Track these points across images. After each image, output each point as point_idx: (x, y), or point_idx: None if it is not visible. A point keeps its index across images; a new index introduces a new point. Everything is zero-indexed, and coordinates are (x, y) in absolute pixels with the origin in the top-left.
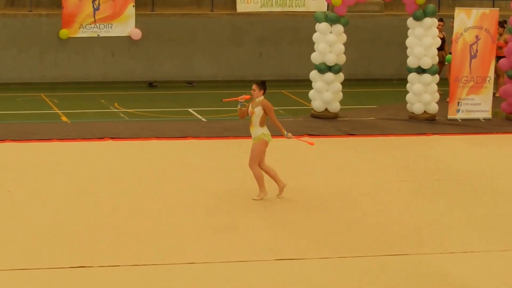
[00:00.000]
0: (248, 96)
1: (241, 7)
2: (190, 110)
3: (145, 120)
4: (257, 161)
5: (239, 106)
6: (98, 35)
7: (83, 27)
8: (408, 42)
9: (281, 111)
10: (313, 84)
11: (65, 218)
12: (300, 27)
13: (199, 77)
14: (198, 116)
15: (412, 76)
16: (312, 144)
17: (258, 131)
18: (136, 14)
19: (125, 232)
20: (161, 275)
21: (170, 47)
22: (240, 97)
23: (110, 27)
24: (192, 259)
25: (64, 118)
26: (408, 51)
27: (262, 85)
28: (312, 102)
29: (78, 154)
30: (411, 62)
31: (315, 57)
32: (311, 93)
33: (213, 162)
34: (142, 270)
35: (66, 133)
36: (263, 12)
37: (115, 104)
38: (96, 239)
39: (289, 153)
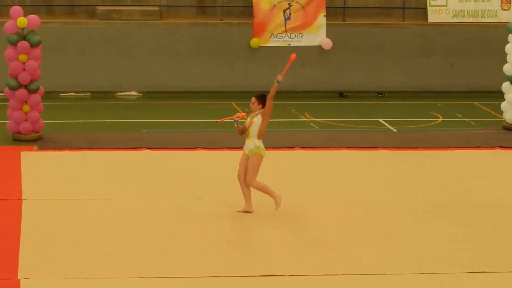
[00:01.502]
0: (244, 114)
1: (432, 18)
2: (380, 120)
3: (335, 130)
4: (256, 176)
5: (236, 124)
6: (289, 44)
7: (274, 36)
8: None
9: (472, 123)
10: (505, 96)
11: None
12: (491, 38)
13: (388, 87)
14: (389, 126)
15: None
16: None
17: (254, 143)
18: (326, 24)
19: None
20: None
21: (359, 57)
22: (235, 115)
23: (301, 36)
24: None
25: None
26: None
27: (262, 99)
28: (504, 113)
29: (268, 163)
30: None
31: (508, 69)
32: (503, 105)
33: (403, 174)
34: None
35: None
36: (454, 23)
37: (306, 113)
38: (280, 249)
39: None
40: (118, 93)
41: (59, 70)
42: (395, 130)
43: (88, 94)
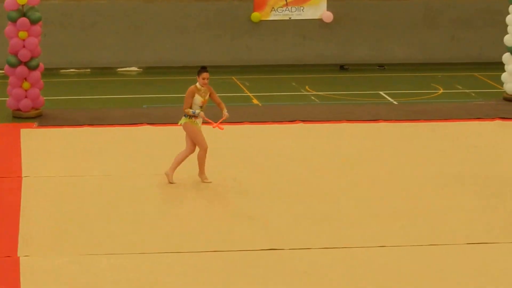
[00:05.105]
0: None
1: None
2: (381, 93)
3: (336, 103)
4: None
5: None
6: (290, 18)
7: (274, 10)
8: None
9: (473, 94)
10: (506, 67)
11: (257, 201)
12: (494, 9)
13: (390, 60)
14: (390, 99)
15: None
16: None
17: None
18: None
19: (309, 217)
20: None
21: (362, 30)
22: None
23: (302, 10)
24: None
25: (255, 101)
26: None
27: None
28: (504, 84)
29: (269, 137)
30: None
31: (508, 39)
32: (504, 76)
33: (404, 146)
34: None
35: (257, 116)
36: None
37: (306, 87)
38: (283, 223)
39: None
40: (119, 69)
41: (59, 46)
42: (395, 103)
43: (88, 70)
